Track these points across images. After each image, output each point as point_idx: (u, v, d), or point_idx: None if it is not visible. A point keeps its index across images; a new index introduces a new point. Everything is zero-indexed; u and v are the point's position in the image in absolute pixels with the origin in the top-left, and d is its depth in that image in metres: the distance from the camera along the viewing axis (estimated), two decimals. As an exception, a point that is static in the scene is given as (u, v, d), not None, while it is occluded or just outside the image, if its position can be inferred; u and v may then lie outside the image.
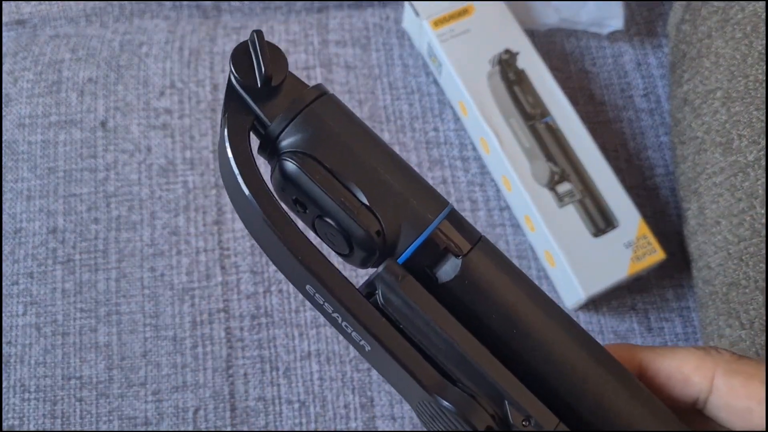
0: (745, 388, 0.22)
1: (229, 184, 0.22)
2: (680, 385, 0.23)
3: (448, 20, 0.47)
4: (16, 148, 0.48)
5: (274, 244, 0.21)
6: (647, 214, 0.47)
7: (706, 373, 0.23)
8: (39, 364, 0.43)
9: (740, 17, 0.42)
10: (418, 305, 0.21)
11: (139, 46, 0.51)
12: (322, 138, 0.21)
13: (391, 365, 0.21)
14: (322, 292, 0.21)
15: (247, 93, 0.21)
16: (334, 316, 0.21)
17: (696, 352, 0.23)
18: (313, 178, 0.21)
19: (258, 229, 0.21)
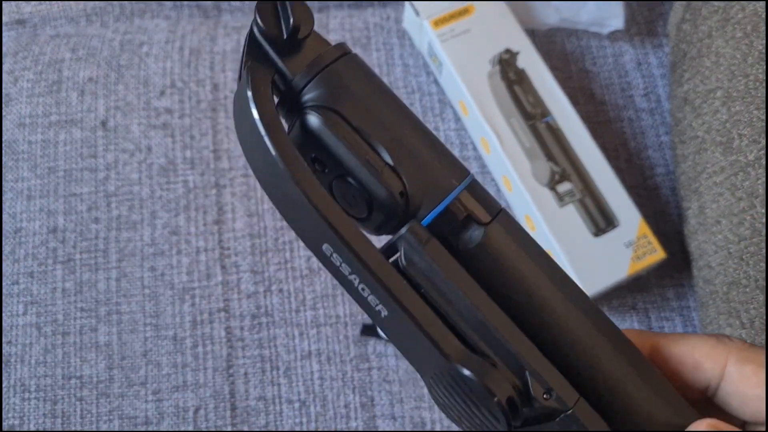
0: (757, 376, 0.22)
1: (248, 141, 0.21)
2: (691, 371, 0.23)
3: (449, 20, 0.47)
4: (17, 147, 0.48)
5: (296, 201, 0.20)
6: (648, 214, 0.47)
7: (718, 359, 0.23)
8: (39, 363, 0.43)
9: (741, 17, 0.42)
10: (442, 269, 0.20)
11: (140, 46, 0.51)
12: (348, 95, 0.21)
13: (408, 331, 0.20)
14: (342, 251, 0.20)
15: (271, 45, 0.21)
16: (350, 278, 0.20)
17: (708, 339, 0.23)
18: (337, 133, 0.20)
19: (279, 187, 0.20)
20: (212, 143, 0.48)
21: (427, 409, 0.43)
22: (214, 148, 0.48)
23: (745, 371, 0.23)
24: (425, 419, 0.43)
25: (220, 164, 0.48)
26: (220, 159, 0.48)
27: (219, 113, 0.49)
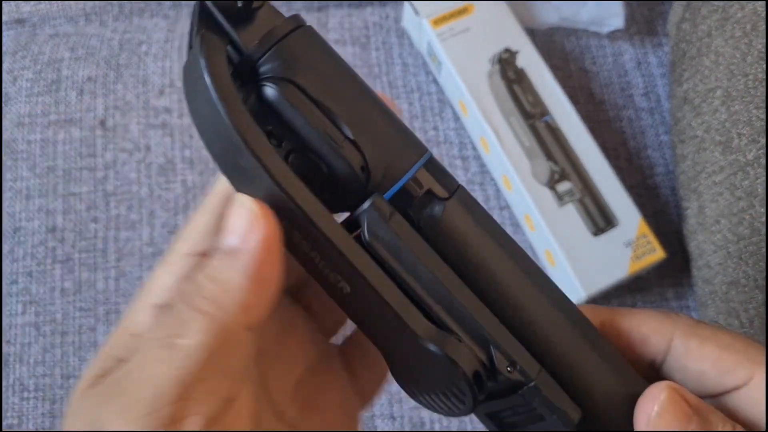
0: (699, 350, 0.23)
1: (201, 112, 0.20)
2: (639, 346, 0.24)
3: (448, 19, 0.47)
4: (15, 147, 0.48)
5: (253, 174, 0.19)
6: (647, 213, 0.47)
7: (665, 334, 0.23)
8: (38, 363, 0.43)
9: (740, 16, 0.42)
10: (407, 243, 0.20)
11: (139, 45, 0.51)
12: (306, 67, 0.20)
13: (373, 308, 0.20)
14: (302, 224, 0.19)
15: (224, 15, 0.20)
16: (311, 255, 0.20)
17: (656, 315, 0.24)
18: (295, 104, 0.20)
19: (234, 159, 0.19)
20: (211, 142, 0.48)
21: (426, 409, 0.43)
22: (213, 147, 0.48)
23: (690, 345, 0.23)
24: (424, 419, 0.43)
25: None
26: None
27: (218, 112, 0.49)
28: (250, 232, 0.19)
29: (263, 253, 0.19)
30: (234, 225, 0.19)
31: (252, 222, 0.19)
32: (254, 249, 0.19)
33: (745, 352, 0.22)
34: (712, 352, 0.23)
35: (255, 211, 0.19)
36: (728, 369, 0.23)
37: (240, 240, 0.19)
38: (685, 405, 0.21)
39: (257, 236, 0.19)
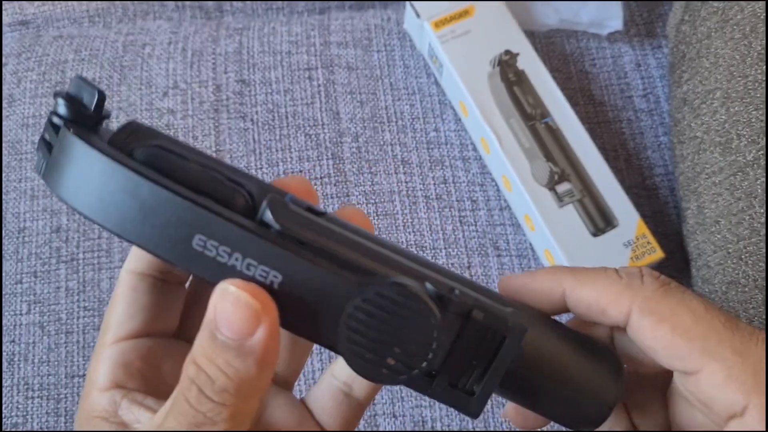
0: (652, 331, 0.23)
1: (87, 183, 0.20)
2: (598, 316, 0.24)
3: (449, 21, 0.48)
4: (20, 147, 0.49)
5: (154, 203, 0.20)
6: (646, 214, 0.48)
7: (622, 308, 0.23)
8: (43, 362, 0.44)
9: (739, 18, 0.42)
10: (313, 220, 0.21)
11: (143, 47, 0.52)
12: (161, 137, 0.22)
13: (311, 280, 0.20)
14: (218, 230, 0.20)
15: (83, 123, 0.21)
16: (232, 262, 0.20)
17: (616, 284, 0.24)
18: (172, 156, 0.21)
19: (134, 201, 0.20)
20: (214, 143, 0.49)
21: (428, 408, 0.43)
22: (216, 148, 0.49)
23: (643, 324, 0.23)
24: (426, 417, 0.43)
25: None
26: (223, 159, 0.48)
27: (221, 114, 0.50)
28: (255, 326, 0.19)
29: (270, 342, 0.20)
30: (234, 321, 0.19)
31: (254, 318, 0.19)
32: (262, 341, 0.20)
33: (702, 339, 0.22)
34: (664, 336, 0.22)
35: (255, 307, 0.19)
36: (678, 355, 0.22)
37: (246, 334, 0.19)
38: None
39: (264, 330, 0.19)
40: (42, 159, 0.22)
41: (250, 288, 0.20)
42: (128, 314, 0.24)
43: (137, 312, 0.24)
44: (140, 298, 0.24)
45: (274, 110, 0.50)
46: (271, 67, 0.51)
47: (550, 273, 0.25)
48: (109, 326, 0.24)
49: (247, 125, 0.49)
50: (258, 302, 0.19)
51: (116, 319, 0.24)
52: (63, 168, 0.21)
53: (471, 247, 0.46)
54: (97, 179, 0.20)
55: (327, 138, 0.49)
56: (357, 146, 0.49)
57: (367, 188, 0.48)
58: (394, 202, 0.47)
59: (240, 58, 0.51)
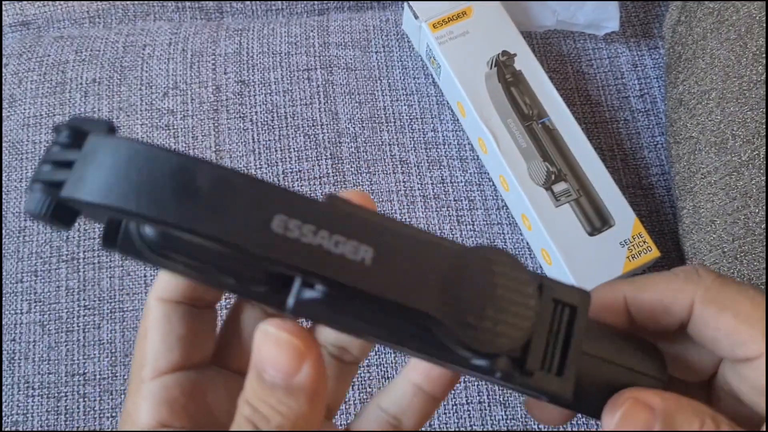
0: (715, 320, 0.23)
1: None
2: (663, 316, 0.24)
3: (447, 22, 0.48)
4: (21, 147, 0.49)
5: (227, 186, 0.18)
6: (642, 213, 0.48)
7: (685, 301, 0.23)
8: (43, 360, 0.44)
9: (735, 19, 0.42)
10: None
11: (143, 48, 0.52)
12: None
13: (408, 249, 0.19)
14: (300, 208, 0.18)
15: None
16: (319, 238, 0.18)
17: (675, 281, 0.24)
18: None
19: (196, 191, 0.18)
20: (214, 144, 0.49)
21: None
22: (216, 148, 0.49)
23: (705, 315, 0.23)
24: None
25: (222, 164, 0.48)
26: (223, 159, 0.49)
27: (221, 114, 0.50)
28: (299, 364, 0.19)
29: (317, 376, 0.20)
30: (279, 361, 0.19)
31: (298, 356, 0.19)
32: (309, 377, 0.19)
33: (762, 324, 0.22)
34: (726, 323, 0.22)
35: (297, 346, 0.19)
36: (741, 341, 0.22)
37: (292, 373, 0.19)
38: (644, 414, 0.21)
39: (309, 367, 0.19)
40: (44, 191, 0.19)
41: (289, 326, 0.19)
42: (166, 346, 0.23)
43: (175, 343, 0.23)
44: (176, 328, 0.23)
45: (274, 110, 0.50)
46: (270, 68, 0.51)
47: (608, 286, 0.25)
48: (146, 360, 0.23)
49: (246, 125, 0.49)
50: (299, 340, 0.19)
51: (153, 352, 0.23)
52: (102, 172, 0.18)
53: (468, 247, 0.47)
54: (152, 172, 0.18)
55: (326, 138, 0.49)
56: (355, 146, 0.49)
57: (366, 188, 0.48)
58: (392, 201, 0.48)
59: (239, 59, 0.51)
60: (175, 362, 0.23)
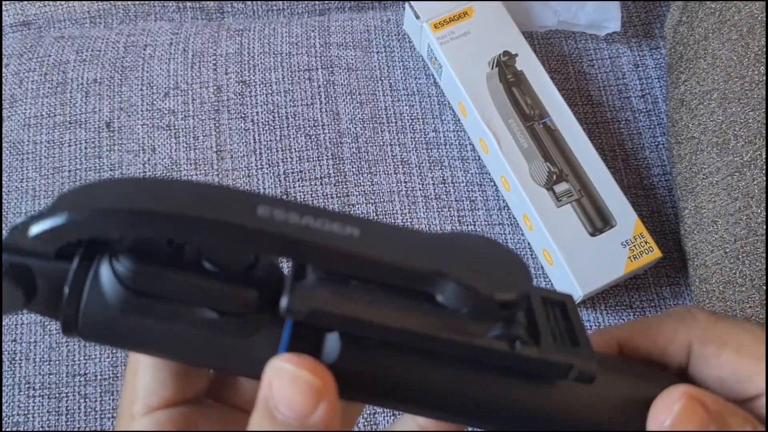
0: (716, 358, 0.22)
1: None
2: (660, 358, 0.23)
3: (448, 23, 0.48)
4: (22, 148, 0.49)
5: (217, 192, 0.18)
6: (644, 214, 0.48)
7: (681, 343, 0.22)
8: (44, 361, 0.44)
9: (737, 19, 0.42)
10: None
11: (144, 48, 0.52)
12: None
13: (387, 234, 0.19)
14: (281, 203, 0.18)
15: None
16: (306, 220, 0.18)
17: (668, 322, 0.23)
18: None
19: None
20: (215, 144, 0.49)
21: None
22: (217, 148, 0.49)
23: (706, 353, 0.22)
24: (425, 416, 0.43)
25: (223, 165, 0.48)
26: (224, 159, 0.49)
27: (222, 114, 0.50)
28: (316, 404, 0.18)
29: (332, 417, 0.19)
30: (295, 401, 0.18)
31: (315, 396, 0.18)
32: (324, 418, 0.18)
33: (764, 356, 0.21)
34: (729, 360, 0.22)
35: (316, 385, 0.18)
36: (748, 377, 0.21)
37: (307, 413, 0.18)
38: (701, 411, 0.20)
39: (325, 407, 0.18)
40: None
41: (307, 363, 0.18)
42: (159, 382, 0.22)
43: (168, 378, 0.22)
44: (169, 362, 0.22)
45: (275, 111, 0.50)
46: (271, 68, 0.51)
47: (600, 332, 0.24)
48: (137, 395, 0.22)
49: (247, 126, 0.49)
50: (318, 379, 0.18)
51: (145, 387, 0.22)
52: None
53: (470, 247, 0.47)
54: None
55: (327, 138, 0.49)
56: (357, 147, 0.49)
57: (367, 188, 0.48)
58: (393, 202, 0.48)
59: (240, 59, 0.51)
60: (167, 398, 0.22)
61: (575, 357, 0.19)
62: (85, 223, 0.17)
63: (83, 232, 0.18)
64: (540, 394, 0.20)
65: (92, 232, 0.18)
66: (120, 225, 0.17)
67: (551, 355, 0.19)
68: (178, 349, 0.19)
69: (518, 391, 0.20)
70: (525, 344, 0.19)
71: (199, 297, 0.19)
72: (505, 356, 0.19)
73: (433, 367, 0.20)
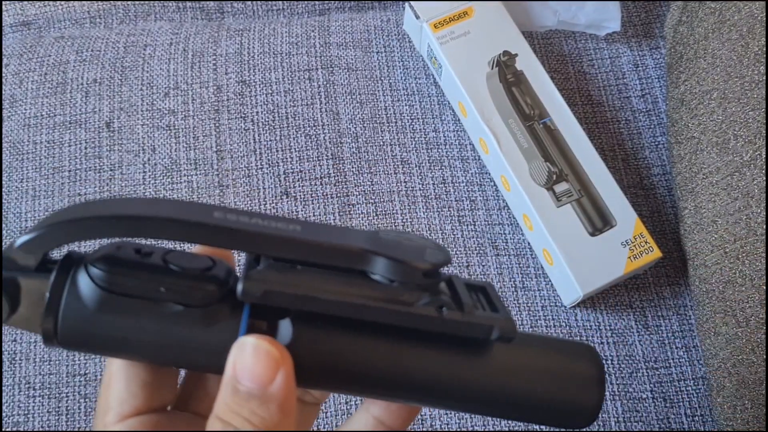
0: None
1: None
2: None
3: (448, 23, 0.48)
4: (22, 148, 0.49)
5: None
6: (644, 214, 0.48)
7: None
8: (44, 361, 0.44)
9: (737, 18, 0.42)
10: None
11: (144, 48, 0.52)
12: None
13: (324, 228, 0.22)
14: (233, 209, 0.21)
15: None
16: (254, 219, 0.21)
17: None
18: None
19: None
20: (215, 144, 0.49)
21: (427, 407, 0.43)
22: (217, 148, 0.49)
23: None
24: (425, 416, 0.43)
25: (223, 165, 0.48)
26: (223, 159, 0.49)
27: (222, 114, 0.50)
28: (274, 373, 0.20)
29: (290, 386, 0.20)
30: (255, 370, 0.20)
31: (274, 364, 0.20)
32: (283, 386, 0.20)
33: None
34: None
35: (274, 354, 0.20)
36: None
37: (267, 381, 0.20)
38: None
39: (282, 376, 0.20)
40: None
41: (266, 337, 0.20)
42: (129, 392, 0.23)
43: (138, 389, 0.23)
44: (140, 374, 0.24)
45: (275, 111, 0.50)
46: (271, 68, 0.51)
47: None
48: (109, 406, 0.23)
49: (247, 126, 0.49)
50: (276, 348, 0.20)
51: (117, 398, 0.23)
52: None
53: (470, 247, 0.47)
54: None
55: (327, 138, 0.49)
56: (357, 146, 0.49)
57: (367, 188, 0.48)
58: (393, 201, 0.48)
59: (240, 59, 0.51)
60: (138, 407, 0.23)
61: (494, 319, 0.22)
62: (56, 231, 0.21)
63: (56, 239, 0.21)
64: (469, 362, 0.23)
65: (63, 238, 0.21)
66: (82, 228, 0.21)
67: (473, 317, 0.22)
68: (149, 346, 0.21)
69: (447, 360, 0.23)
70: (450, 310, 0.22)
71: (165, 292, 0.21)
72: (433, 320, 0.22)
73: (374, 345, 0.22)
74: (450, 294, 0.23)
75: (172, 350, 0.21)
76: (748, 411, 0.39)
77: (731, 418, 0.40)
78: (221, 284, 0.22)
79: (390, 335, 0.22)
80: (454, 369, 0.23)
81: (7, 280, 0.21)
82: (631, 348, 0.45)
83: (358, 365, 0.22)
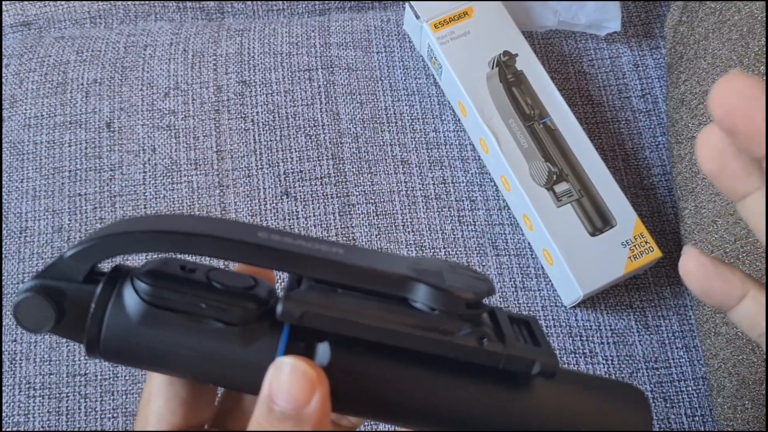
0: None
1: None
2: None
3: (448, 23, 0.48)
4: (22, 148, 0.49)
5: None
6: (644, 214, 0.48)
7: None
8: (44, 361, 0.44)
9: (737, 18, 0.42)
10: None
11: (144, 48, 0.52)
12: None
13: (367, 253, 0.22)
14: (276, 230, 0.22)
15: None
16: (299, 242, 0.21)
17: None
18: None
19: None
20: (215, 144, 0.49)
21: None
22: (217, 148, 0.49)
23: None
24: None
25: (223, 165, 0.48)
26: (224, 160, 0.49)
27: (222, 114, 0.50)
28: (311, 395, 0.20)
29: (324, 409, 0.20)
30: (292, 392, 0.20)
31: (310, 386, 0.20)
32: (318, 409, 0.20)
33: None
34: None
35: (311, 376, 0.20)
36: None
37: (303, 403, 0.20)
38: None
39: (318, 398, 0.20)
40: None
41: (304, 359, 0.20)
42: (168, 409, 0.24)
43: (177, 406, 0.24)
44: (179, 392, 0.24)
45: (275, 111, 0.50)
46: (271, 68, 0.51)
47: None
48: (149, 422, 0.24)
49: (247, 126, 0.49)
50: (313, 370, 0.20)
51: (156, 415, 0.24)
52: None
53: (470, 247, 0.47)
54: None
55: (327, 138, 0.49)
56: (357, 147, 0.49)
57: (367, 188, 0.48)
58: (393, 202, 0.48)
59: (241, 59, 0.51)
60: (176, 424, 0.24)
61: (537, 353, 0.21)
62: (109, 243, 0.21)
63: (104, 252, 0.21)
64: (509, 396, 0.22)
65: (111, 251, 0.21)
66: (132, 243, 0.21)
67: (515, 350, 0.21)
68: (188, 361, 0.22)
69: (486, 393, 0.22)
70: (491, 341, 0.21)
71: (206, 308, 0.21)
72: (473, 351, 0.21)
73: (412, 374, 0.22)
74: (492, 326, 0.22)
75: (210, 367, 0.22)
76: (748, 411, 0.39)
77: (731, 418, 0.40)
78: (262, 303, 0.22)
79: (429, 365, 0.22)
80: (493, 402, 0.22)
81: (54, 290, 0.21)
82: (632, 348, 0.45)
83: (395, 393, 0.22)
